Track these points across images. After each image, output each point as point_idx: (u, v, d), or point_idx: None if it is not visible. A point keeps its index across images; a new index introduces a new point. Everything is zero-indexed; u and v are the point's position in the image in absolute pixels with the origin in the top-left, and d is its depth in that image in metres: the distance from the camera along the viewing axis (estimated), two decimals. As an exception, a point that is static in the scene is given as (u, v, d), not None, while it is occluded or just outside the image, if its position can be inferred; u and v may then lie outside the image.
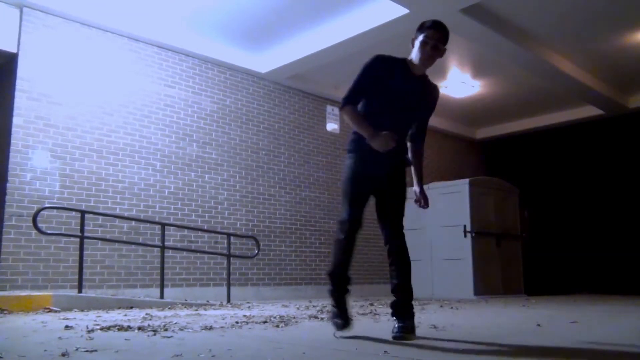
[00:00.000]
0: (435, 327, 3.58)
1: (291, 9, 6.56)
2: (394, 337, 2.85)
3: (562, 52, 7.72)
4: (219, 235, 7.09)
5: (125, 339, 2.83)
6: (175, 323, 3.72)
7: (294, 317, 4.20)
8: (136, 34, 6.74)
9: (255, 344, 2.75)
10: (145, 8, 6.49)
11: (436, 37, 2.96)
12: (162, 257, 6.01)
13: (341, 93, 10.84)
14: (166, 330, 3.29)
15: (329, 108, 8.96)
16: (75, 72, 6.30)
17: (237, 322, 3.78)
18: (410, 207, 3.19)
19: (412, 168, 3.25)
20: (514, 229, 9.37)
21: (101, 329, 3.27)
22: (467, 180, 8.75)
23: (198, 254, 6.94)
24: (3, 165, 5.84)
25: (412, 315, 2.99)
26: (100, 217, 6.14)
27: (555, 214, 10.74)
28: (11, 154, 5.72)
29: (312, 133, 8.68)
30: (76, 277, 5.46)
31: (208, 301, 6.26)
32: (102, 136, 6.40)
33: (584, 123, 10.29)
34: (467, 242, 8.47)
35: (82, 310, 4.88)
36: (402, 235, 3.06)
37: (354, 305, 5.81)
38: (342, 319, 2.98)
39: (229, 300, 6.32)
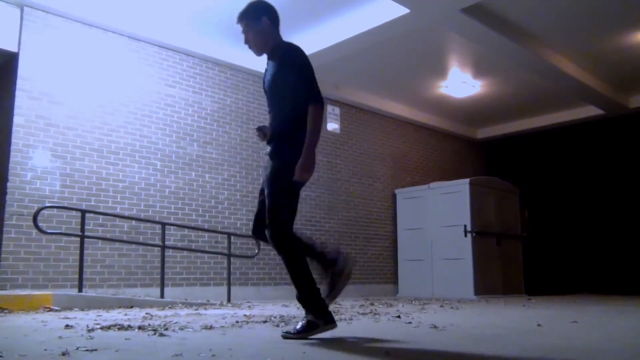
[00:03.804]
0: (435, 327, 3.58)
1: (291, 9, 6.54)
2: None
3: (562, 52, 7.72)
4: (220, 235, 7.09)
5: (126, 339, 2.83)
6: (176, 322, 3.73)
7: (295, 317, 4.20)
8: (137, 33, 6.75)
9: (255, 344, 2.76)
10: (146, 8, 6.49)
11: (242, 29, 3.18)
12: (163, 256, 6.02)
13: (342, 93, 10.75)
14: (166, 329, 3.29)
15: (329, 108, 8.95)
16: (76, 71, 6.30)
17: (237, 322, 3.78)
18: (410, 207, 3.19)
19: None
20: (514, 229, 9.37)
21: (101, 328, 3.27)
22: (467, 180, 8.76)
23: (198, 254, 6.94)
24: (4, 164, 5.85)
25: (310, 308, 2.94)
26: (101, 217, 6.14)
27: (555, 214, 10.73)
28: (12, 153, 5.73)
29: (312, 133, 8.67)
30: (76, 276, 5.47)
31: (208, 301, 6.26)
32: (103, 135, 6.41)
33: (584, 123, 10.28)
34: (468, 242, 8.48)
35: (83, 310, 4.89)
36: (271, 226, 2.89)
37: (354, 305, 5.82)
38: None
39: (229, 300, 6.32)
